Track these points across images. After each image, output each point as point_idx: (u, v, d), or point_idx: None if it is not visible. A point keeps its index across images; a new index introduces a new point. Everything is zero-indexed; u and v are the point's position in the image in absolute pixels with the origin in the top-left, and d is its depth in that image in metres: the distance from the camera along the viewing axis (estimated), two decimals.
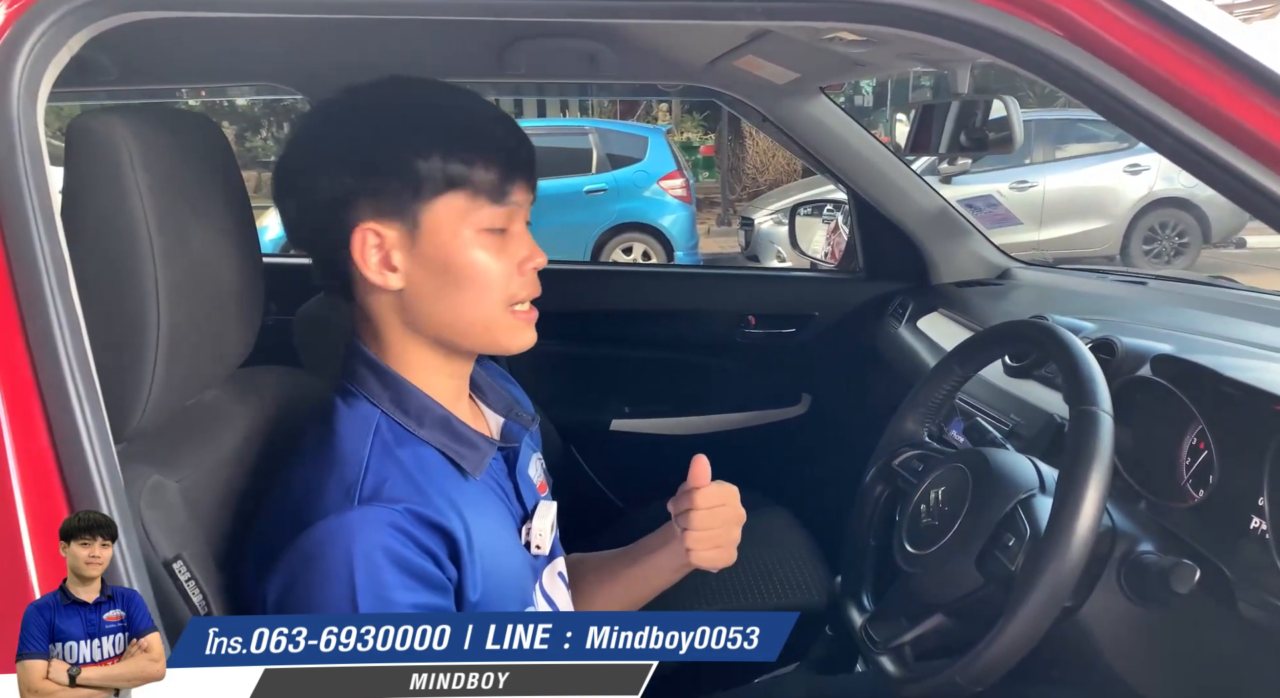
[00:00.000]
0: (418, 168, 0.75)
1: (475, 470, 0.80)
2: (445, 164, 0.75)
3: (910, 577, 0.94)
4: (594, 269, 3.27)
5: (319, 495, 0.71)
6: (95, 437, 0.60)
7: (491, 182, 0.77)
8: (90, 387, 0.61)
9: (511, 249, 0.79)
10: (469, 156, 0.76)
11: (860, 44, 1.18)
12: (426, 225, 0.76)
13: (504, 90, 5.46)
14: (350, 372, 0.81)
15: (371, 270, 0.77)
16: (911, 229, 1.82)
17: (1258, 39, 0.55)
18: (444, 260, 0.77)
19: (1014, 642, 0.78)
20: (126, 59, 1.43)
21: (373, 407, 0.78)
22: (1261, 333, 1.17)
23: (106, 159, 0.68)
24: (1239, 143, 0.56)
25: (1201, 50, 0.55)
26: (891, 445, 1.09)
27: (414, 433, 0.78)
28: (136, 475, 0.68)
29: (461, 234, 0.77)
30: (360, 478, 0.72)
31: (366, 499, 0.70)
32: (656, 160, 7.60)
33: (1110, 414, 0.81)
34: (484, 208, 0.77)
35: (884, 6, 0.59)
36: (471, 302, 0.78)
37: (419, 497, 0.72)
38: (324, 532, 0.69)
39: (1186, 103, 0.56)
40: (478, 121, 0.79)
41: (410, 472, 0.74)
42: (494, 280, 0.78)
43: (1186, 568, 0.78)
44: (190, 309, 0.73)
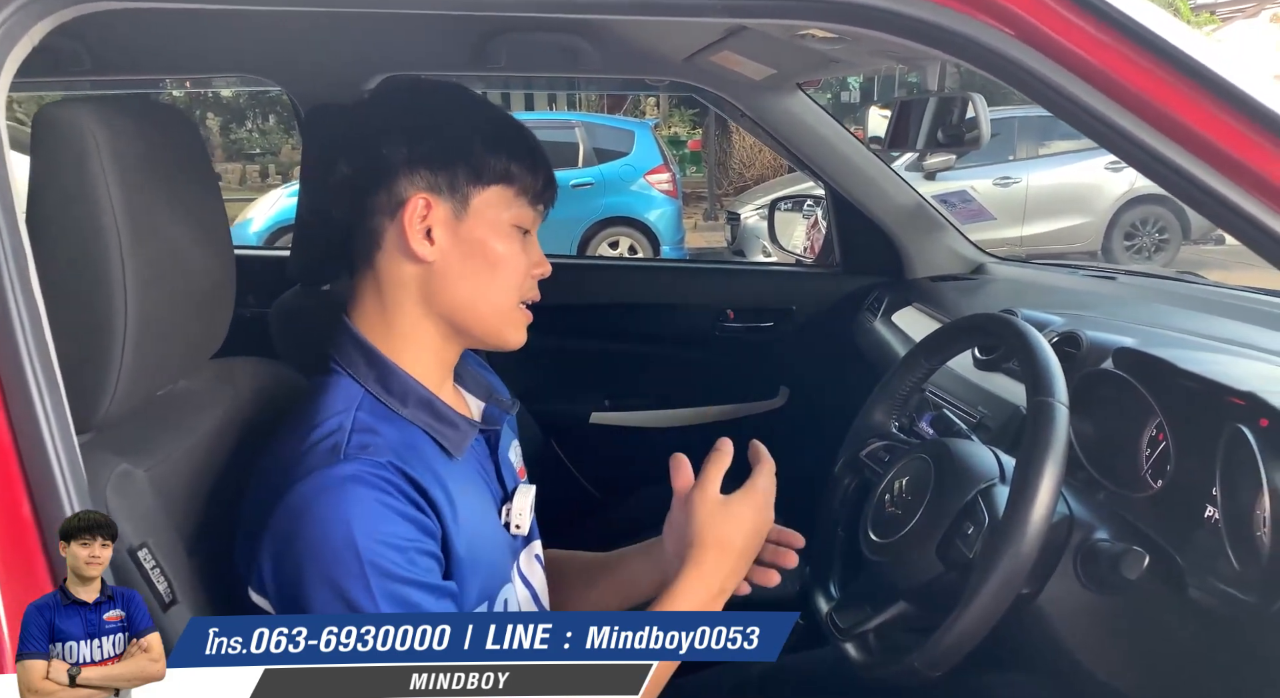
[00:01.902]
0: (484, 155, 0.82)
1: (457, 450, 0.82)
2: (507, 159, 0.83)
3: (875, 565, 0.96)
4: (571, 263, 3.27)
5: (303, 458, 0.73)
6: (55, 426, 0.60)
7: (535, 186, 0.85)
8: (50, 376, 0.61)
9: (528, 251, 0.86)
10: (523, 159, 0.84)
11: (833, 41, 1.19)
12: (475, 207, 0.82)
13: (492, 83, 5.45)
14: (339, 349, 0.83)
15: (415, 238, 0.80)
16: (888, 224, 1.84)
17: (1197, 39, 0.57)
18: (481, 243, 0.82)
19: (970, 627, 0.79)
20: (100, 49, 1.42)
21: (357, 385, 0.81)
22: (1222, 327, 1.20)
23: (72, 149, 0.68)
24: (1181, 140, 0.57)
25: (1143, 49, 0.56)
26: (860, 437, 1.11)
27: (397, 412, 0.80)
28: (103, 464, 0.68)
29: (502, 224, 0.83)
30: (346, 439, 0.74)
31: (353, 456, 0.73)
32: (643, 155, 7.60)
33: (1066, 406, 0.82)
34: (524, 207, 0.85)
35: (839, 5, 0.60)
36: (494, 287, 0.84)
37: (402, 460, 0.75)
38: (312, 487, 0.71)
39: (1130, 100, 0.58)
40: (528, 135, 0.87)
41: (394, 442, 0.76)
42: (516, 272, 0.84)
43: (1136, 555, 0.80)
44: (159, 299, 0.74)
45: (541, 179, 0.86)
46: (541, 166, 0.86)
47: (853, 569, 1.05)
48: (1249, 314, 1.26)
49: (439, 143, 0.82)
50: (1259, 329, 1.17)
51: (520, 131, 0.87)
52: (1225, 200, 0.60)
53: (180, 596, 0.70)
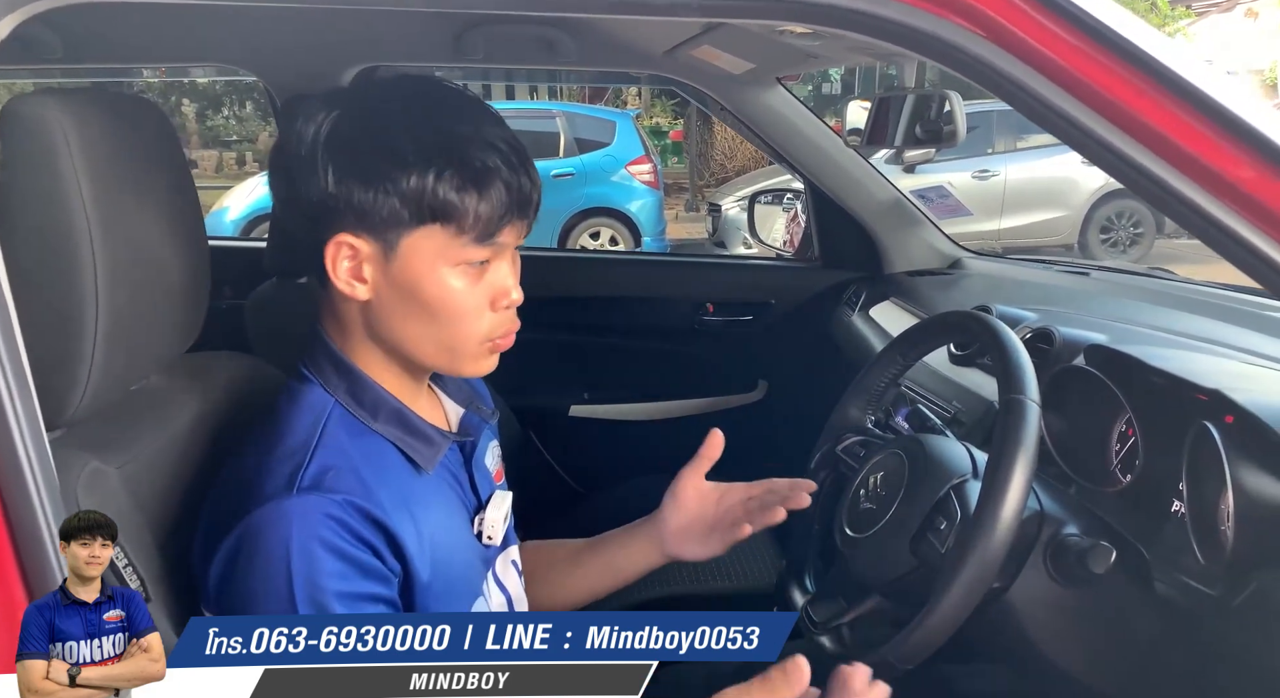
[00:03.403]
0: (405, 193, 0.72)
1: (428, 465, 0.79)
2: (435, 195, 0.72)
3: (849, 559, 0.97)
4: (551, 255, 3.26)
5: (262, 480, 0.71)
6: (25, 423, 0.59)
7: (480, 222, 0.73)
8: (20, 372, 0.60)
9: (488, 282, 0.77)
10: (463, 191, 0.72)
11: (811, 37, 1.20)
12: (403, 251, 0.74)
13: (472, 73, 5.42)
14: (310, 357, 0.80)
15: (340, 280, 0.75)
16: (866, 219, 1.85)
17: (1164, 42, 0.58)
18: (414, 289, 0.75)
19: (942, 621, 0.80)
20: (73, 38, 1.40)
21: (327, 396, 0.78)
22: (1192, 323, 1.22)
23: (40, 143, 0.67)
24: (1145, 141, 0.58)
25: (1107, 50, 0.57)
26: (835, 431, 1.11)
27: (367, 425, 0.78)
28: (74, 462, 0.68)
29: (437, 268, 0.74)
30: (304, 465, 0.72)
31: (307, 488, 0.70)
32: (625, 145, 7.59)
33: (1037, 402, 0.84)
34: (467, 247, 0.74)
35: (812, 5, 0.61)
36: (440, 331, 0.77)
37: (362, 490, 0.72)
38: (262, 518, 0.69)
39: (1098, 103, 0.59)
40: (483, 150, 0.73)
41: (357, 465, 0.74)
42: (465, 314, 0.76)
43: (1103, 550, 0.81)
44: (131, 294, 0.73)
45: (490, 210, 0.73)
46: (492, 191, 0.73)
47: (828, 563, 1.06)
48: (1218, 311, 1.29)
49: (362, 174, 0.72)
50: (1226, 326, 1.19)
51: (464, 150, 0.73)
52: (1188, 202, 0.61)
53: (153, 594, 0.69)
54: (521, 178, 0.75)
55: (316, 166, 0.73)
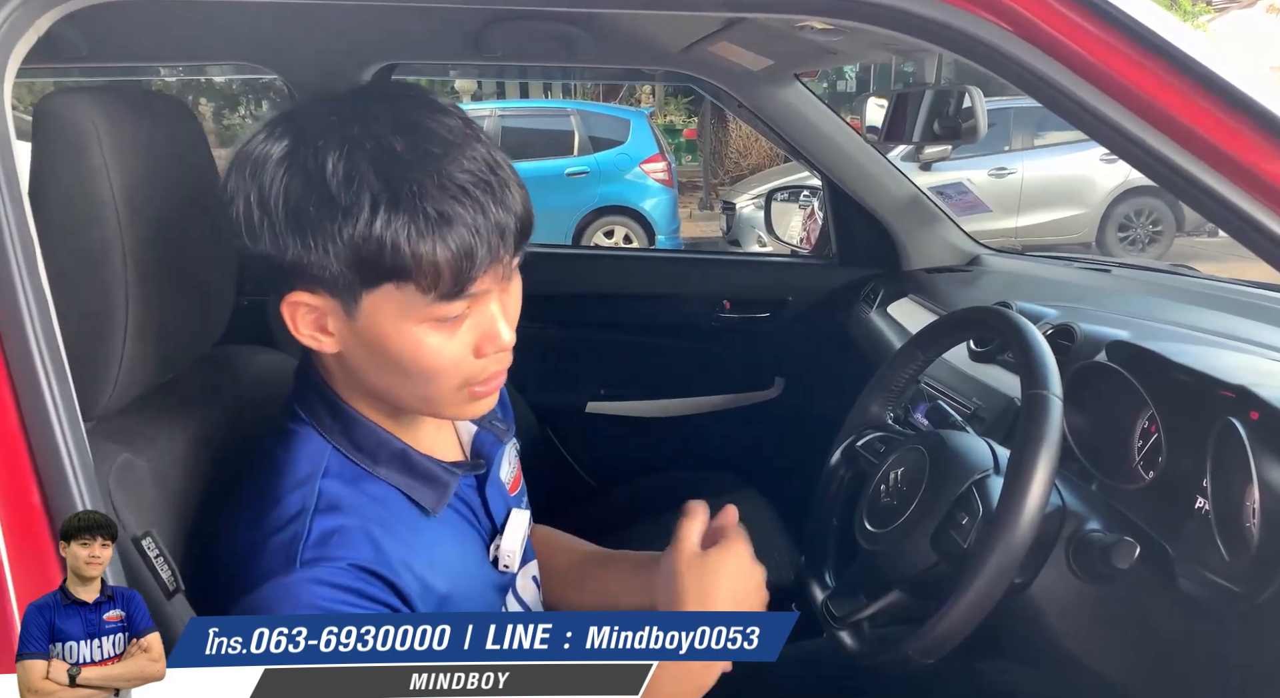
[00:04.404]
0: (349, 251, 0.62)
1: (435, 508, 0.75)
2: (388, 253, 0.62)
3: (869, 555, 0.97)
4: (569, 252, 3.28)
5: (258, 558, 0.67)
6: (64, 416, 0.60)
7: (443, 278, 0.63)
8: (59, 366, 0.61)
9: (469, 330, 0.68)
10: (418, 247, 0.62)
11: (831, 32, 1.20)
12: (365, 309, 0.66)
13: (487, 72, 5.43)
14: (302, 398, 0.75)
15: (304, 336, 0.69)
16: (884, 216, 1.84)
17: (1194, 36, 0.58)
18: (381, 346, 0.67)
19: (964, 616, 0.80)
20: (99, 37, 1.42)
21: (324, 442, 0.73)
22: (1215, 320, 1.21)
23: (73, 140, 0.68)
24: (1175, 135, 0.58)
25: (1142, 47, 0.57)
26: (855, 427, 1.11)
27: (369, 471, 0.73)
28: (105, 455, 0.68)
29: (404, 326, 0.66)
30: (303, 535, 0.67)
31: (309, 561, 0.66)
32: (639, 143, 7.59)
33: (1060, 398, 0.83)
34: (435, 304, 0.65)
35: (839, 1, 0.61)
36: (414, 384, 0.70)
37: (368, 550, 0.69)
38: (263, 601, 0.66)
39: (1128, 97, 0.58)
40: (441, 195, 0.62)
41: (361, 520, 0.70)
42: (442, 368, 0.68)
43: (1127, 545, 0.81)
44: (160, 289, 0.74)
45: (455, 263, 0.63)
46: (458, 241, 0.62)
47: (847, 559, 1.06)
48: (1241, 307, 1.27)
49: (298, 230, 0.63)
50: (1251, 322, 1.18)
51: (425, 191, 0.62)
52: (1218, 196, 0.60)
53: (183, 584, 0.70)
54: (496, 211, 0.64)
55: (253, 222, 0.66)
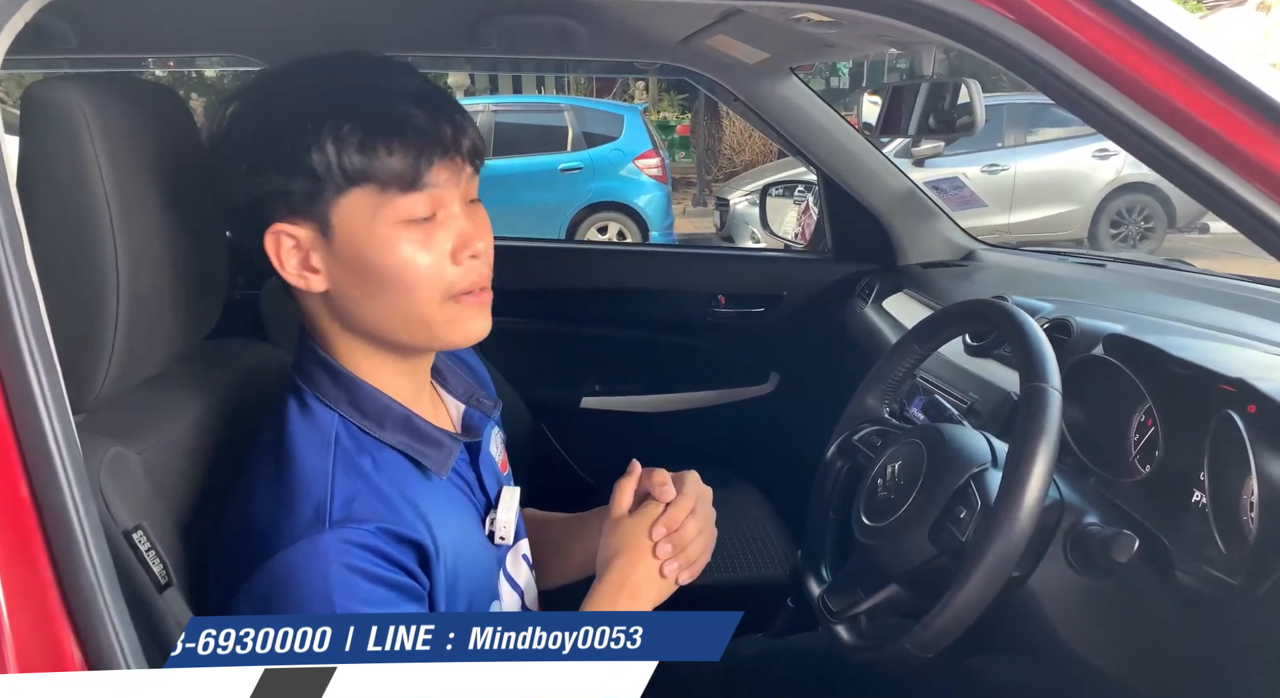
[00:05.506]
0: (314, 164, 0.69)
1: (441, 471, 0.77)
2: (341, 157, 0.69)
3: (867, 549, 0.96)
4: (565, 247, 3.26)
5: (287, 519, 0.68)
6: (53, 408, 0.59)
7: (398, 170, 0.70)
8: (48, 358, 0.60)
9: (440, 237, 0.73)
10: (367, 145, 0.69)
11: (828, 25, 1.19)
12: (337, 224, 0.71)
13: (480, 66, 5.42)
14: (303, 370, 0.77)
15: (291, 274, 0.73)
16: (879, 211, 1.84)
17: (1195, 24, 0.57)
18: (361, 260, 0.71)
19: (962, 610, 0.80)
20: (87, 28, 1.40)
21: (330, 411, 0.75)
22: (1211, 314, 1.21)
23: (63, 128, 0.67)
24: (1179, 126, 0.58)
25: (1143, 35, 0.57)
26: (852, 421, 1.11)
27: (375, 436, 0.75)
28: (96, 447, 0.68)
29: (376, 231, 0.71)
30: (328, 498, 0.69)
31: (338, 521, 0.68)
32: (632, 139, 7.58)
33: (1059, 391, 0.83)
34: (396, 199, 0.70)
35: None
36: (399, 300, 0.73)
37: (389, 512, 0.70)
38: (295, 557, 0.67)
39: (1131, 87, 0.58)
40: (382, 101, 0.71)
41: (376, 484, 0.72)
42: (421, 276, 0.72)
43: (1126, 538, 0.81)
44: (151, 280, 0.73)
45: (404, 155, 0.70)
46: (401, 137, 0.69)
47: (844, 553, 1.05)
48: (1237, 301, 1.28)
49: (269, 164, 0.70)
50: (1248, 316, 1.18)
51: (361, 106, 0.70)
52: (1221, 186, 0.60)
53: (175, 577, 0.69)
54: (440, 122, 0.71)
55: (230, 164, 0.72)
